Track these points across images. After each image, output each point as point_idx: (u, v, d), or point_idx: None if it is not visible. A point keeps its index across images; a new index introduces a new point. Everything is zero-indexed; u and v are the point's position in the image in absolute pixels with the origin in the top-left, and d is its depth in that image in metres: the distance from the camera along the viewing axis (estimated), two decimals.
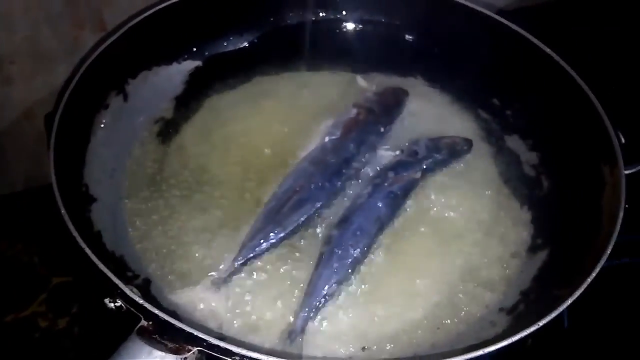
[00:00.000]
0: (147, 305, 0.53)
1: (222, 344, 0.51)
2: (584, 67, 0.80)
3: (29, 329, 0.86)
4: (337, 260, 0.70)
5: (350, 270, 0.70)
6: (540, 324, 0.55)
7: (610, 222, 0.65)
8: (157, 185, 0.78)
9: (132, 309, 0.55)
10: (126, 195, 0.76)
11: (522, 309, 0.67)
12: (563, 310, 0.57)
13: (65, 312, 0.88)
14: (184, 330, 0.51)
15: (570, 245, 0.70)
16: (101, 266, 0.55)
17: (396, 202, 0.76)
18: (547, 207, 0.77)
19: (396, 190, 0.76)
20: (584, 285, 0.57)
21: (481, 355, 0.55)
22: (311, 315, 0.66)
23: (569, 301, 0.56)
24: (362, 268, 0.71)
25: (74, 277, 0.88)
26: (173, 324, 0.52)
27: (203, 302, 0.67)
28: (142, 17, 0.81)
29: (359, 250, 0.71)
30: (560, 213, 0.75)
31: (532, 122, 0.85)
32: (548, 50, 0.82)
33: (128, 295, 0.54)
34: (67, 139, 0.70)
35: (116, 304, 0.56)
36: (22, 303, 0.88)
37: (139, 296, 0.54)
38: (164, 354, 0.51)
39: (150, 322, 0.53)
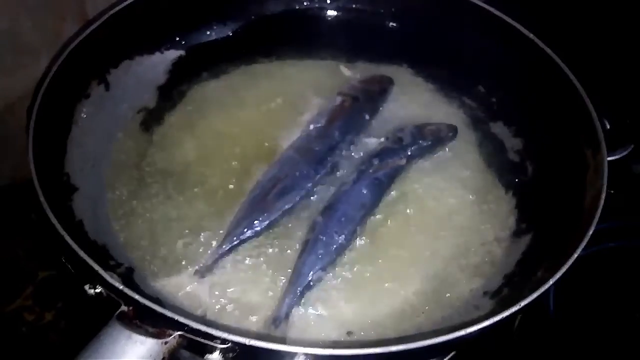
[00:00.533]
0: (126, 290, 0.53)
1: (203, 328, 0.51)
2: (568, 53, 0.81)
3: (15, 322, 0.85)
4: (321, 246, 0.69)
5: (335, 257, 0.70)
6: (522, 304, 0.54)
7: (592, 205, 0.65)
8: (140, 174, 0.77)
9: (112, 294, 0.54)
10: (108, 184, 0.76)
11: (506, 293, 0.67)
12: (549, 295, 0.57)
13: (51, 305, 0.87)
14: (164, 315, 0.51)
15: (553, 229, 0.70)
16: (80, 253, 0.55)
17: (381, 189, 0.75)
18: (531, 192, 0.77)
19: (381, 176, 0.76)
20: (565, 267, 0.57)
21: (465, 338, 0.55)
22: (295, 301, 0.66)
23: (550, 282, 0.56)
24: (347, 254, 0.71)
25: (57, 268, 0.88)
26: (153, 309, 0.51)
27: (187, 290, 0.67)
28: (124, 4, 0.81)
29: (343, 236, 0.71)
30: (544, 198, 0.75)
31: (516, 109, 0.85)
32: (531, 35, 0.82)
33: (107, 281, 0.54)
34: (47, 127, 0.69)
35: (96, 290, 0.56)
36: (8, 297, 0.87)
37: (118, 282, 0.54)
38: (144, 338, 0.51)
39: (131, 308, 0.53)
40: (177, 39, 0.89)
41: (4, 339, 0.85)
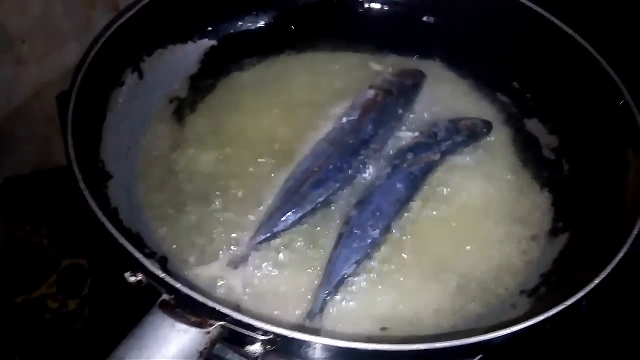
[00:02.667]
0: (168, 279, 0.52)
1: (245, 319, 0.50)
2: (608, 49, 0.79)
3: (39, 310, 0.86)
4: (356, 240, 0.69)
5: (369, 251, 0.69)
6: (567, 304, 0.54)
7: (635, 206, 0.64)
8: (172, 164, 0.77)
9: (153, 282, 0.54)
10: (141, 172, 0.75)
11: (543, 292, 0.66)
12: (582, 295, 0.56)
13: (75, 293, 0.88)
14: (206, 304, 0.50)
15: (592, 229, 0.69)
16: (121, 240, 0.54)
17: (415, 184, 0.75)
18: (568, 191, 0.76)
19: (415, 171, 0.75)
20: (610, 268, 0.56)
21: (501, 338, 0.54)
22: (330, 295, 0.65)
23: (595, 282, 0.55)
24: (382, 249, 0.70)
25: (88, 256, 0.88)
26: (195, 299, 0.51)
27: (220, 281, 0.67)
28: None
29: (378, 230, 0.70)
30: (581, 196, 0.74)
31: (552, 105, 0.83)
32: (569, 31, 0.81)
33: (149, 269, 0.53)
34: (83, 115, 0.68)
35: (137, 277, 0.55)
36: (32, 284, 0.88)
37: (159, 269, 0.53)
38: (187, 327, 0.50)
39: (172, 296, 0.53)
40: (210, 28, 0.88)
41: (28, 326, 0.85)
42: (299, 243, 0.70)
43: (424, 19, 0.93)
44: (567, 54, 0.81)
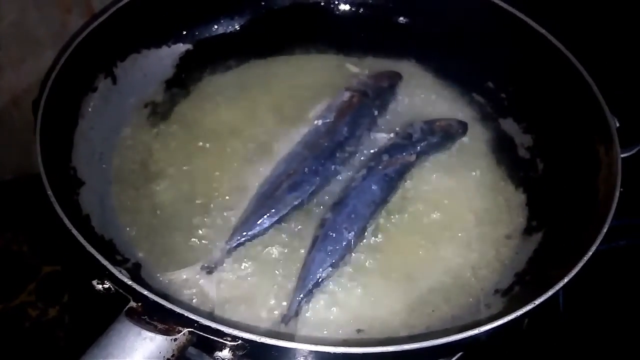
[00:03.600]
0: (135, 286, 0.52)
1: (213, 325, 0.50)
2: (579, 49, 0.80)
3: (19, 318, 0.85)
4: (331, 243, 0.69)
5: (344, 253, 0.69)
6: (537, 302, 0.54)
7: (606, 202, 0.64)
8: (147, 169, 0.77)
9: (120, 290, 0.53)
10: (115, 178, 0.75)
11: (518, 291, 0.66)
12: (559, 293, 0.56)
13: (55, 301, 0.87)
14: (174, 311, 0.50)
15: (565, 227, 0.69)
16: (88, 247, 0.54)
17: (390, 185, 0.75)
18: (542, 189, 0.76)
19: (390, 173, 0.75)
20: (580, 265, 0.57)
21: (477, 337, 0.54)
22: (305, 298, 0.65)
23: (565, 280, 0.56)
24: (357, 251, 0.70)
25: (62, 263, 0.87)
26: (163, 305, 0.51)
27: (194, 287, 0.66)
28: None
29: (353, 233, 0.70)
30: (555, 195, 0.74)
31: (526, 105, 0.84)
32: (543, 30, 0.81)
33: (116, 277, 0.53)
34: (54, 121, 0.68)
35: (104, 285, 0.55)
36: (11, 292, 0.87)
37: (127, 277, 0.53)
38: (153, 334, 0.50)
39: (140, 304, 0.52)
40: (185, 32, 0.88)
41: (8, 335, 0.84)
42: (274, 247, 0.70)
43: (399, 20, 0.93)
44: (541, 53, 0.81)
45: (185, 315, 0.50)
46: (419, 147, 0.78)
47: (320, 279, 0.67)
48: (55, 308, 0.87)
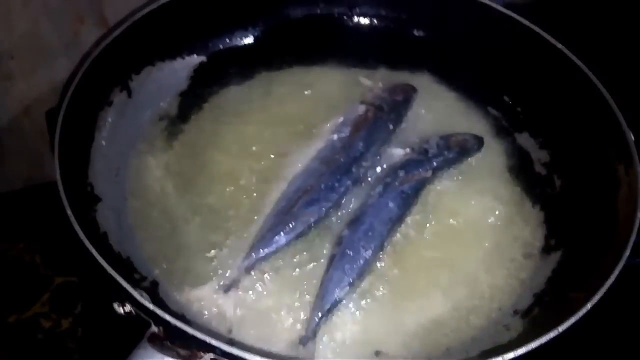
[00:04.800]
0: (157, 310, 0.52)
1: (235, 351, 0.50)
2: (595, 63, 0.79)
3: (32, 329, 0.85)
4: (348, 261, 0.68)
5: (362, 272, 0.69)
6: (560, 329, 0.53)
7: (627, 222, 0.64)
8: (163, 184, 0.76)
9: (142, 314, 0.53)
10: (131, 194, 0.75)
11: (537, 312, 0.66)
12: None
13: (68, 312, 0.87)
14: (196, 337, 0.50)
15: (585, 246, 0.69)
16: (110, 270, 0.54)
17: (407, 202, 0.74)
18: (560, 207, 0.76)
19: (407, 189, 0.75)
20: (603, 290, 0.56)
21: None
22: (323, 318, 0.65)
23: (589, 306, 0.55)
24: (374, 270, 0.70)
25: (79, 279, 0.87)
26: (185, 331, 0.50)
27: (212, 305, 0.66)
28: (145, 11, 0.79)
29: (370, 251, 0.69)
30: (573, 213, 0.74)
31: (543, 120, 0.83)
32: (560, 45, 0.80)
33: (138, 300, 0.53)
34: (71, 137, 0.68)
35: (125, 308, 0.55)
36: (24, 303, 0.87)
37: (149, 301, 0.53)
38: None
39: (161, 328, 0.52)
40: (199, 44, 0.88)
41: (21, 346, 0.84)
42: (291, 265, 0.70)
43: (413, 32, 0.93)
44: (558, 68, 0.81)
45: (208, 341, 0.50)
46: (434, 163, 0.78)
47: (338, 298, 0.67)
48: (68, 319, 0.86)
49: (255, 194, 0.75)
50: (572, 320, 0.54)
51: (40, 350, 0.84)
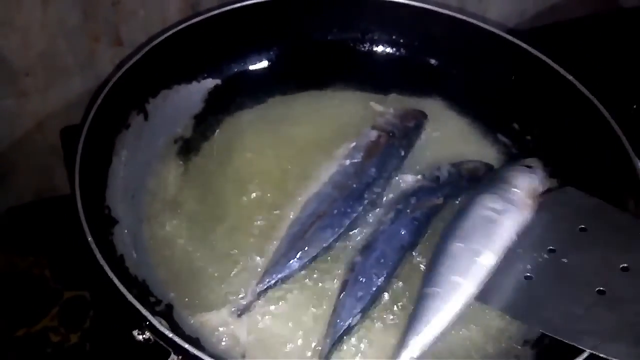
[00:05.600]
0: (177, 339, 0.53)
1: None
2: (603, 91, 0.80)
3: (40, 343, 0.86)
4: (360, 288, 0.69)
5: (374, 299, 0.70)
6: None
7: None
8: (178, 207, 0.77)
9: (161, 342, 0.54)
10: (147, 216, 0.76)
11: (548, 343, 0.66)
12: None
13: (77, 327, 0.87)
14: None
15: None
16: (130, 298, 0.55)
17: (419, 229, 0.75)
18: None
19: (418, 216, 0.75)
20: None
21: None
22: (335, 345, 0.66)
23: None
24: (386, 295, 0.71)
25: (90, 296, 0.88)
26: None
27: (225, 330, 0.67)
28: (164, 36, 0.81)
29: (382, 278, 0.70)
30: None
31: (552, 149, 0.84)
32: (570, 77, 0.82)
33: (157, 328, 0.54)
34: (89, 160, 0.69)
35: (144, 336, 0.55)
36: (33, 317, 0.88)
37: (167, 329, 0.54)
38: None
39: (180, 357, 0.53)
40: (214, 68, 0.89)
41: None
42: (304, 290, 0.71)
43: (425, 58, 0.94)
44: (567, 98, 0.82)
45: None
46: (446, 190, 0.79)
47: (350, 325, 0.67)
48: (77, 334, 0.87)
49: (268, 218, 0.76)
50: (585, 354, 0.55)
51: None
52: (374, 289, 0.69)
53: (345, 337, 0.67)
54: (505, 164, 0.84)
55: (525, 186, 0.75)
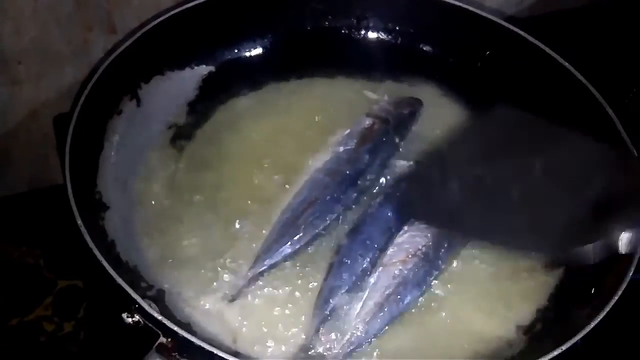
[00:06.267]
0: (166, 321, 0.52)
1: None
2: (600, 80, 0.80)
3: (34, 333, 0.85)
4: (345, 270, 0.69)
5: (359, 280, 0.69)
6: (564, 348, 0.54)
7: None
8: (170, 192, 0.77)
9: (150, 325, 0.54)
10: (139, 202, 0.75)
11: (540, 329, 0.66)
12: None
13: (71, 316, 0.87)
14: (205, 349, 0.51)
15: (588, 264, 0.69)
16: (120, 281, 0.54)
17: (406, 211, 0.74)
18: None
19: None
20: (608, 308, 0.57)
21: None
22: (322, 325, 0.66)
23: (592, 324, 0.56)
24: None
25: (83, 284, 0.87)
26: (194, 342, 0.51)
27: (217, 315, 0.67)
28: (156, 21, 0.80)
29: (368, 259, 0.70)
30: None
31: None
32: (567, 64, 0.81)
33: (147, 311, 0.53)
34: (81, 146, 0.69)
35: (134, 319, 0.55)
36: (27, 306, 0.87)
37: (157, 312, 0.54)
38: None
39: (170, 339, 0.53)
40: (208, 54, 0.88)
41: (23, 350, 0.85)
42: (296, 275, 0.70)
43: (420, 46, 0.93)
44: (564, 86, 0.82)
45: (216, 353, 0.51)
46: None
47: (336, 306, 0.67)
48: (71, 323, 0.87)
49: (261, 204, 0.76)
50: (576, 339, 0.55)
51: (42, 353, 0.84)
52: (360, 270, 0.69)
53: (331, 317, 0.66)
54: None
55: None
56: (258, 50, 0.92)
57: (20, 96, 0.92)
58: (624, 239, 0.62)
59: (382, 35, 0.94)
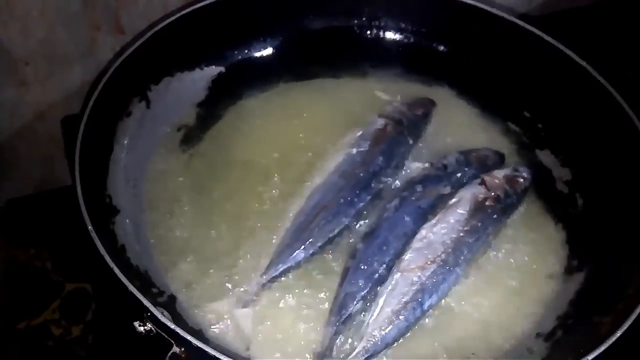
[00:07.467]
0: (180, 331, 0.51)
1: None
2: (616, 77, 0.78)
3: (42, 336, 0.84)
4: (361, 276, 0.68)
5: (376, 286, 0.68)
6: (589, 358, 0.52)
7: None
8: (181, 196, 0.76)
9: (163, 334, 0.52)
10: (149, 206, 0.74)
11: (560, 336, 0.65)
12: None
13: (79, 319, 0.86)
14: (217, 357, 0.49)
15: (609, 269, 0.68)
16: (132, 288, 0.53)
17: (424, 217, 0.73)
18: (582, 227, 0.75)
19: (424, 205, 0.73)
20: (633, 317, 0.55)
21: None
22: (338, 333, 0.64)
23: (618, 334, 0.54)
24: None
25: (92, 288, 0.86)
26: (207, 352, 0.50)
27: (230, 321, 0.65)
28: (165, 22, 0.79)
29: (384, 265, 0.69)
30: (597, 233, 0.73)
31: (565, 137, 0.82)
32: (583, 62, 0.79)
33: (160, 320, 0.52)
34: (90, 148, 0.67)
35: (146, 327, 0.54)
36: (35, 310, 0.86)
37: (170, 320, 0.52)
38: None
39: (183, 349, 0.51)
40: (217, 55, 0.87)
41: (31, 353, 0.83)
42: (309, 279, 0.69)
43: (433, 45, 0.92)
44: (579, 85, 0.80)
45: None
46: (453, 179, 0.77)
47: (352, 313, 0.66)
48: (79, 327, 0.86)
49: (273, 208, 0.74)
50: (602, 348, 0.53)
51: (49, 357, 0.83)
52: (376, 276, 0.68)
53: (347, 324, 0.65)
54: None
55: None
56: (269, 51, 0.90)
57: (28, 97, 0.91)
58: None
59: (394, 35, 0.93)
